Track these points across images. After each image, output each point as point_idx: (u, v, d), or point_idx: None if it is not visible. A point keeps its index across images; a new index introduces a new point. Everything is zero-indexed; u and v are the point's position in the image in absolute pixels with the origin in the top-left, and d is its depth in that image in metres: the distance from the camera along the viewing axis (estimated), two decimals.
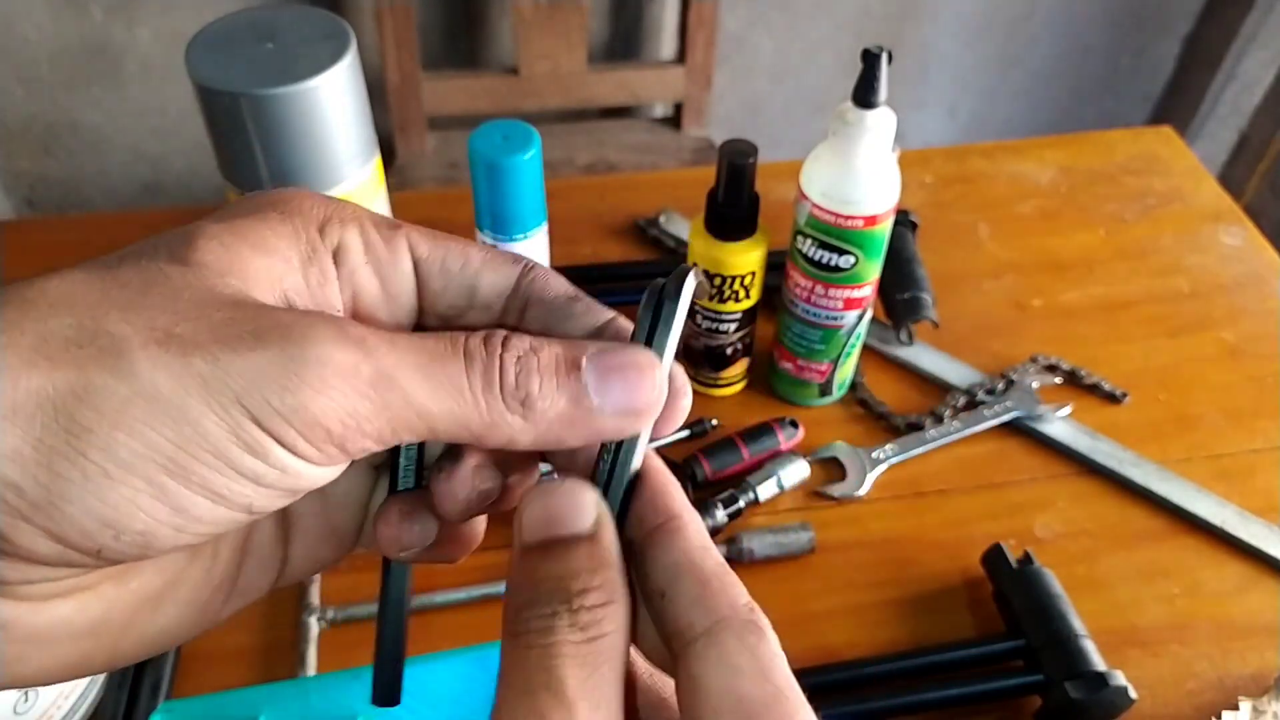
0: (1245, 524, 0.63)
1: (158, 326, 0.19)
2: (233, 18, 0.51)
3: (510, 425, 0.22)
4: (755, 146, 0.59)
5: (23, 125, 1.51)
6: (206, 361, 0.19)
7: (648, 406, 0.23)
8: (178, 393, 0.19)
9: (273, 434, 0.19)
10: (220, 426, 0.19)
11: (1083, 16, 1.74)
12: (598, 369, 0.22)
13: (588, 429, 0.22)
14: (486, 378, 0.21)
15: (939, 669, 0.55)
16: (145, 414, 0.19)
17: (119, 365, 0.19)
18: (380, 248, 0.24)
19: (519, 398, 0.22)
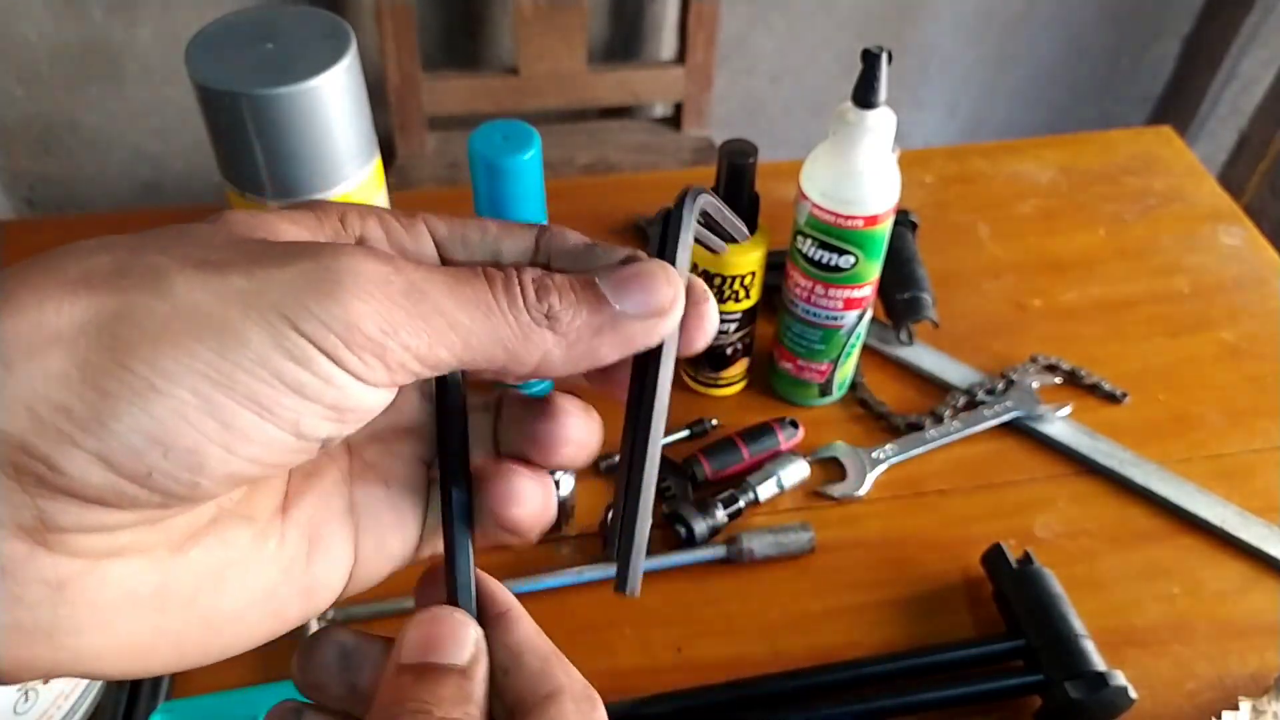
0: (1245, 524, 0.63)
1: (192, 256, 0.20)
2: (233, 18, 0.51)
3: (542, 339, 0.23)
4: (755, 146, 0.59)
5: (23, 125, 1.51)
6: (243, 276, 0.20)
7: (669, 303, 0.24)
8: (217, 306, 0.19)
9: (314, 340, 0.20)
10: (263, 336, 0.19)
11: (1082, 16, 1.74)
12: (612, 281, 0.24)
13: (617, 335, 0.23)
14: (509, 293, 0.22)
15: (939, 669, 0.55)
16: (187, 327, 0.19)
17: (158, 286, 0.19)
18: (401, 232, 0.25)
19: (543, 310, 0.23)
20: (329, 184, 0.52)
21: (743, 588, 0.60)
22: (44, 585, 0.19)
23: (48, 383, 0.18)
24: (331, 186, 0.52)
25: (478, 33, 1.54)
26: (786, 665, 0.56)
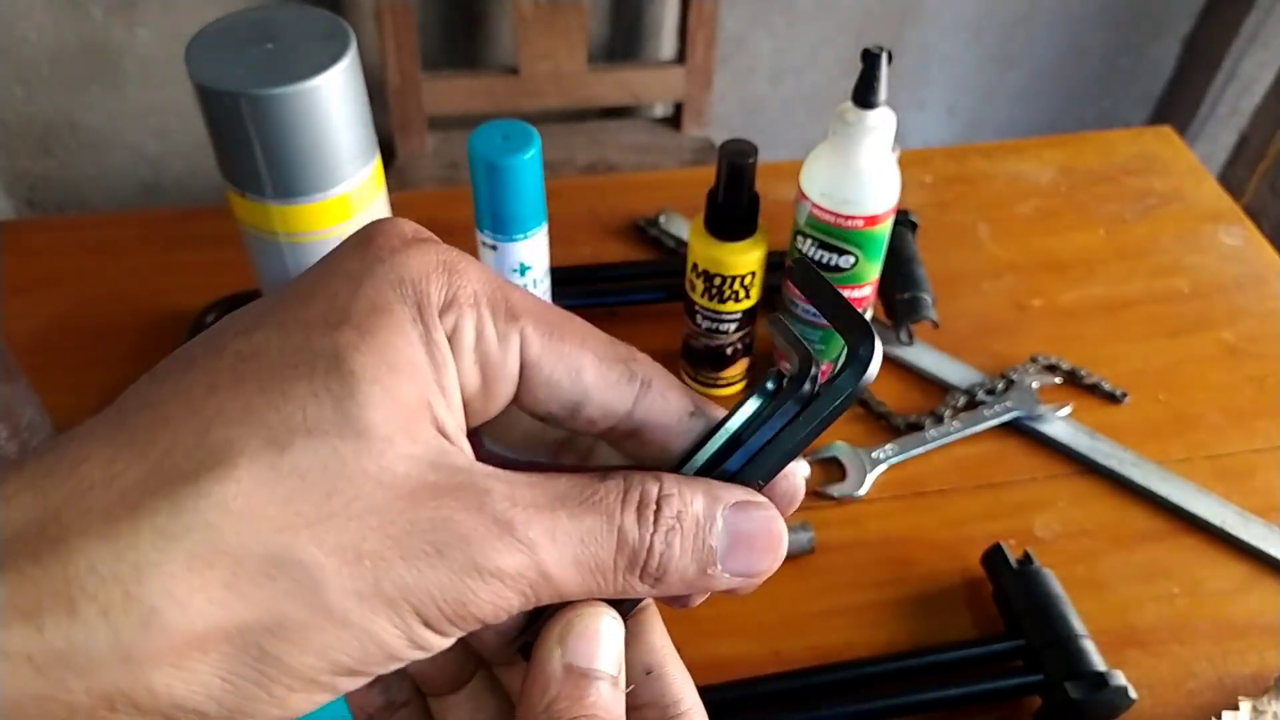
0: (1245, 524, 0.63)
1: (346, 545, 0.19)
2: (233, 18, 0.51)
3: (637, 593, 0.22)
4: (755, 146, 0.59)
5: (23, 125, 1.51)
6: (393, 583, 0.20)
7: (766, 574, 0.23)
8: (365, 616, 0.20)
9: (436, 630, 0.21)
10: (395, 635, 0.20)
11: (1082, 17, 1.74)
12: (731, 533, 0.23)
13: (703, 589, 0.23)
14: (632, 562, 0.22)
15: (939, 669, 0.55)
16: (334, 639, 0.19)
17: (313, 600, 0.19)
18: (492, 343, 0.22)
19: (655, 575, 0.22)
20: (329, 184, 0.52)
21: None
22: None
23: (187, 692, 0.19)
24: (331, 186, 0.52)
25: (478, 33, 1.54)
26: (786, 665, 0.56)
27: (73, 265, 0.78)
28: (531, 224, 0.58)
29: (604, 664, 0.23)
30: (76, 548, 0.18)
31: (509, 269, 0.60)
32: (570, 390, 0.23)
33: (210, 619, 0.18)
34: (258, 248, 0.55)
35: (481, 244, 0.60)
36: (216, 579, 0.18)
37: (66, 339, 0.73)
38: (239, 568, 0.18)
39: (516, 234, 0.58)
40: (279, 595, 0.19)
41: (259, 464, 0.19)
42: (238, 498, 0.18)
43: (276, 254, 0.55)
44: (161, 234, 0.81)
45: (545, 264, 0.62)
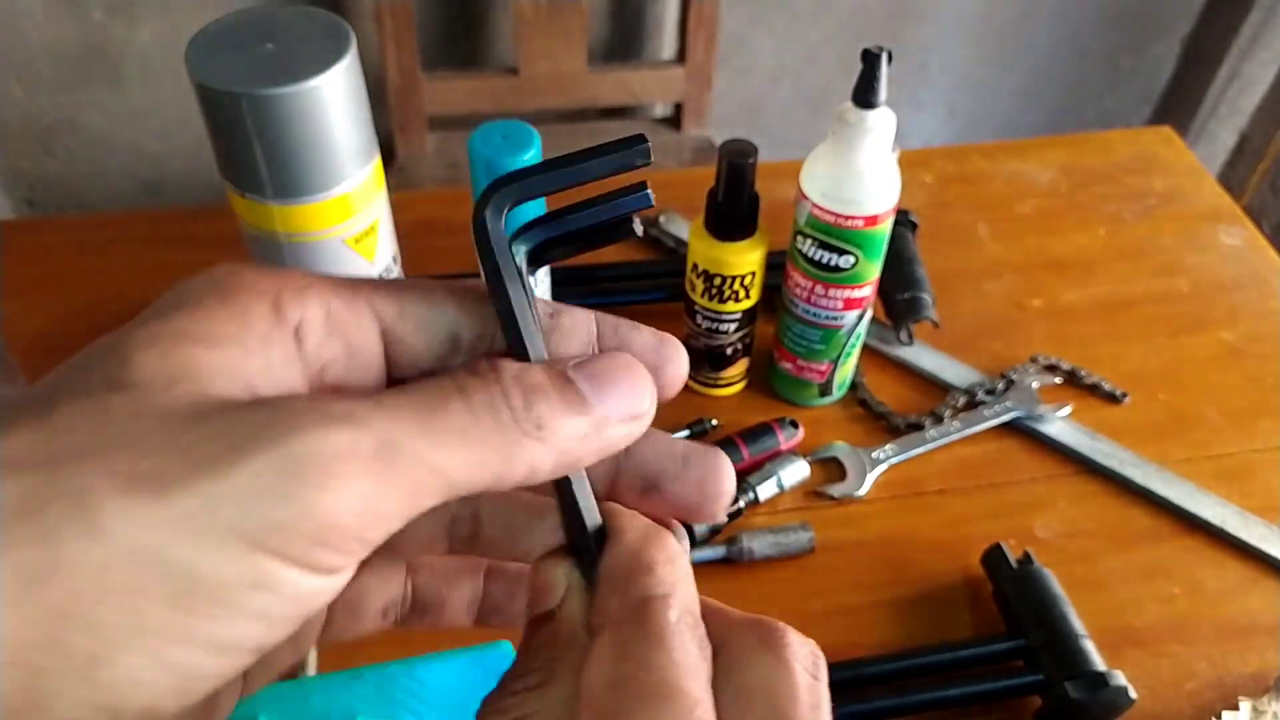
0: (1245, 524, 0.63)
1: (120, 470, 0.17)
2: (233, 18, 0.51)
3: (530, 453, 0.20)
4: (755, 146, 0.59)
5: (23, 125, 1.51)
6: (187, 495, 0.16)
7: (649, 405, 0.22)
8: (161, 541, 0.16)
9: (282, 555, 0.17)
10: (219, 567, 0.17)
11: (1082, 17, 1.74)
12: (588, 377, 0.21)
13: (600, 440, 0.21)
14: (494, 410, 0.20)
15: (939, 669, 0.55)
16: (127, 576, 0.16)
17: (87, 527, 0.16)
18: (344, 316, 0.21)
19: (534, 421, 0.20)
20: (329, 184, 0.52)
21: (743, 588, 0.60)
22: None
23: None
24: (331, 186, 0.52)
25: (478, 33, 1.54)
26: None
27: (73, 265, 0.78)
28: None
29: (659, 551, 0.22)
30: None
31: None
32: (440, 322, 0.23)
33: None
34: (258, 248, 0.55)
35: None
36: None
37: (66, 339, 0.73)
38: (6, 511, 0.16)
39: None
40: (47, 531, 0.16)
41: (18, 427, 0.17)
42: (5, 457, 0.17)
43: (276, 254, 0.55)
44: (161, 234, 0.81)
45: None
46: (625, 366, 0.22)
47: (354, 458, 0.18)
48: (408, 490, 0.18)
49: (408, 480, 0.18)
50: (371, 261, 0.57)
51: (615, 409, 0.21)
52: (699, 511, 0.24)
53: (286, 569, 0.17)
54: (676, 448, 0.24)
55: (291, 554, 0.17)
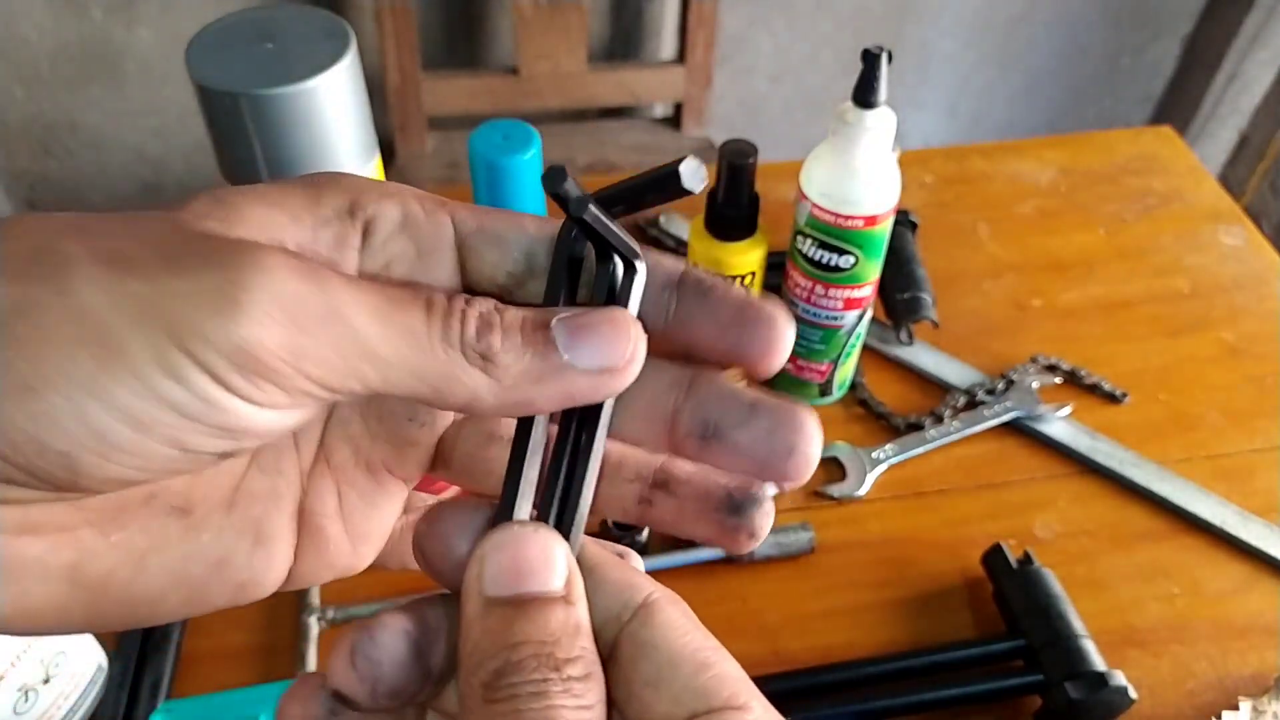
0: (1245, 524, 0.63)
1: (104, 248, 0.19)
2: (233, 18, 0.51)
3: (472, 379, 0.20)
4: (755, 146, 0.59)
5: (23, 125, 1.51)
6: (143, 281, 0.19)
7: (623, 361, 0.21)
8: (108, 311, 0.18)
9: (197, 360, 0.18)
10: (143, 349, 0.18)
11: (1082, 16, 1.74)
12: (568, 327, 0.21)
13: (559, 386, 0.21)
14: (446, 326, 0.20)
15: (939, 669, 0.55)
16: (74, 331, 0.18)
17: (60, 282, 0.18)
18: (419, 217, 0.23)
19: (479, 349, 0.20)
20: None
21: (743, 588, 0.60)
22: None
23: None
24: None
25: (478, 33, 1.54)
26: (786, 665, 0.56)
27: None
28: None
29: (536, 584, 0.21)
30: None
31: None
32: (519, 242, 0.23)
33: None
34: None
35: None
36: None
37: None
38: (8, 255, 0.19)
39: None
40: (33, 277, 0.18)
41: (66, 217, 0.20)
42: (35, 219, 0.20)
43: None
44: None
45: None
46: (610, 319, 0.22)
47: (298, 305, 0.19)
48: (339, 359, 0.19)
49: (341, 351, 0.19)
50: None
51: (583, 357, 0.21)
52: (768, 467, 0.23)
53: (198, 373, 0.19)
54: (745, 394, 0.23)
55: (206, 362, 0.18)
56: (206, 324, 0.18)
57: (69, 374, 0.18)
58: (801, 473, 0.23)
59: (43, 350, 0.18)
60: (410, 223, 0.23)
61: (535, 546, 0.21)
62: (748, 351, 0.23)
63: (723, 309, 0.23)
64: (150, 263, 0.19)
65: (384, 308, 0.20)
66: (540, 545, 0.21)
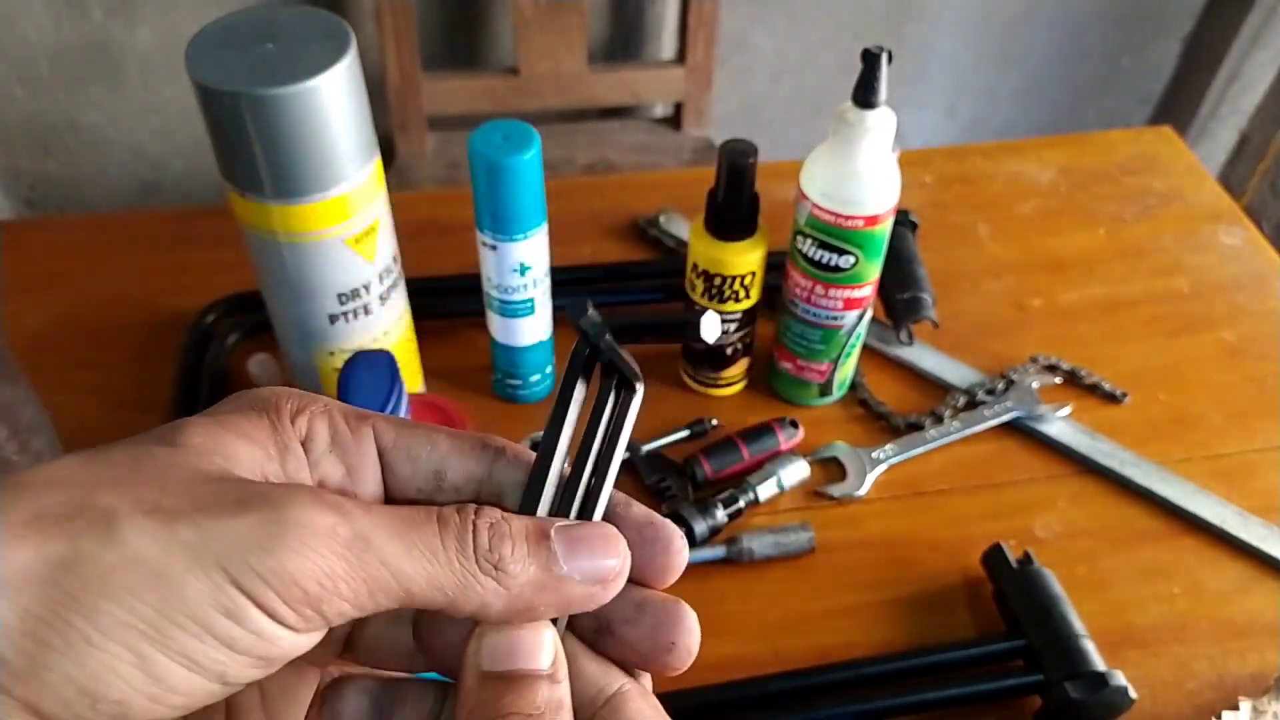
0: (1245, 524, 0.63)
1: (145, 499, 0.20)
2: (233, 18, 0.51)
3: (484, 588, 0.22)
4: (755, 146, 0.59)
5: (23, 125, 1.51)
6: (191, 528, 0.20)
7: (612, 575, 0.24)
8: (162, 558, 0.19)
9: (251, 596, 0.20)
10: (201, 591, 0.20)
11: (1082, 16, 1.74)
12: (565, 539, 0.23)
13: (557, 595, 0.23)
14: (461, 540, 0.22)
15: (939, 669, 0.55)
16: (131, 580, 0.19)
17: (108, 535, 0.19)
18: (346, 436, 0.25)
19: (492, 560, 0.22)
20: (329, 184, 0.52)
21: (743, 588, 0.60)
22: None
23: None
24: (331, 186, 0.52)
25: (478, 33, 1.54)
26: (786, 665, 0.56)
27: (73, 265, 0.78)
28: (531, 224, 0.58)
29: (527, 661, 0.23)
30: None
31: (509, 269, 0.60)
32: (429, 460, 0.25)
33: (10, 558, 0.19)
34: (258, 248, 0.55)
35: (481, 244, 0.60)
36: (18, 519, 0.19)
37: (66, 339, 0.73)
38: (42, 511, 0.20)
39: (516, 234, 0.58)
40: (76, 532, 0.19)
41: (78, 456, 0.21)
42: (52, 469, 0.21)
43: (276, 254, 0.55)
44: (161, 234, 0.81)
45: (545, 264, 0.62)
46: (603, 535, 0.24)
47: (330, 538, 0.21)
48: (368, 582, 0.21)
49: (370, 574, 0.21)
50: (371, 261, 0.57)
51: (579, 569, 0.23)
52: (650, 660, 0.25)
53: (253, 609, 0.20)
54: (633, 594, 0.25)
55: (259, 597, 0.20)
56: (257, 562, 0.20)
57: (130, 623, 0.19)
58: (681, 664, 0.25)
59: (99, 603, 0.19)
60: (338, 441, 0.25)
61: (528, 629, 0.24)
62: (647, 567, 0.25)
63: (626, 527, 0.25)
64: (190, 511, 0.20)
65: (403, 530, 0.22)
66: (533, 629, 0.24)
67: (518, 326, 0.64)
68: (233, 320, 0.73)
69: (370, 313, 0.59)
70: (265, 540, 0.20)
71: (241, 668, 0.21)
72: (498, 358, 0.68)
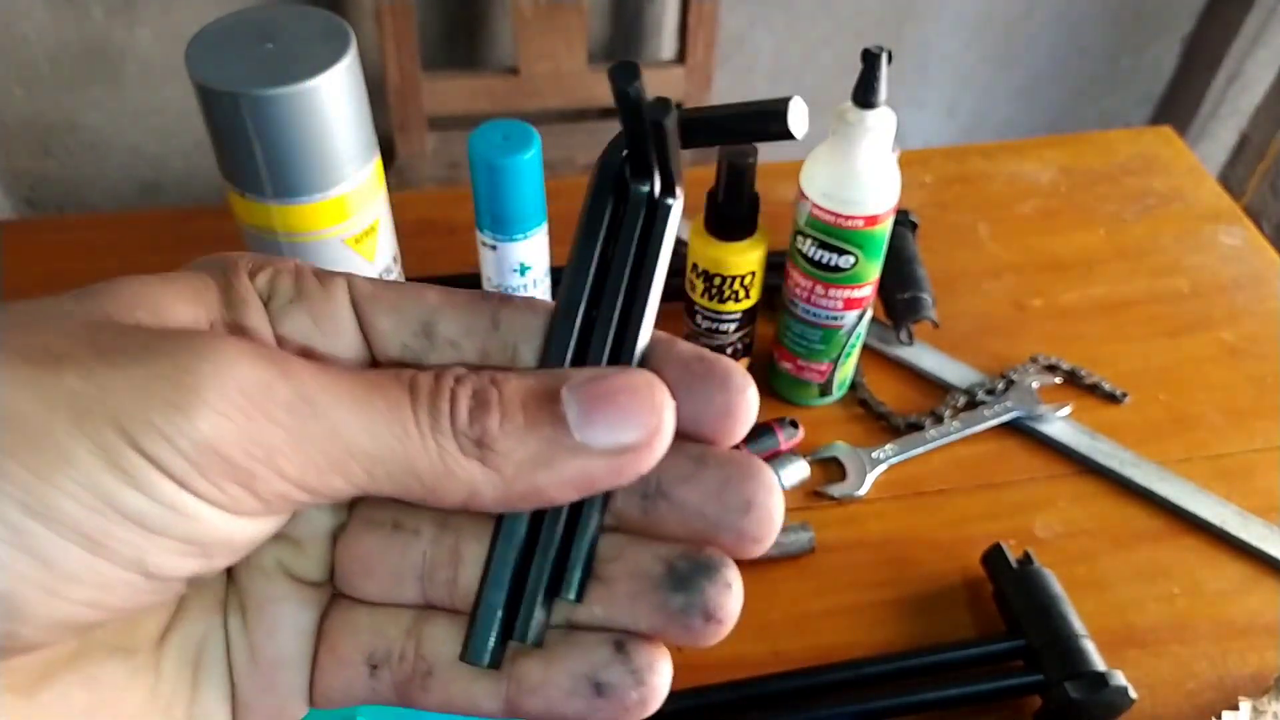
0: (1245, 524, 0.63)
1: (33, 344, 0.16)
2: (233, 18, 0.51)
3: (468, 472, 0.18)
4: (755, 146, 0.59)
5: (23, 125, 1.51)
6: (81, 376, 0.16)
7: (650, 436, 0.18)
8: (42, 413, 0.15)
9: (155, 460, 0.16)
10: (91, 451, 0.15)
11: (1082, 16, 1.74)
12: (581, 398, 0.18)
13: (573, 474, 0.18)
14: (434, 412, 0.18)
15: (939, 669, 0.55)
16: (2, 438, 0.15)
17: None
18: (314, 286, 0.20)
19: (473, 436, 0.18)
20: (329, 184, 0.52)
21: (743, 588, 0.60)
22: None
23: None
24: (331, 186, 0.52)
25: (478, 33, 1.54)
26: (786, 665, 0.56)
27: (73, 265, 0.78)
28: (531, 224, 0.58)
29: None
30: None
31: (509, 269, 0.60)
32: (416, 310, 0.20)
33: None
34: (258, 248, 0.55)
35: (481, 244, 0.60)
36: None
37: None
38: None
39: (516, 234, 0.58)
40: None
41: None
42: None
43: (276, 254, 0.55)
44: (161, 234, 0.81)
45: (545, 264, 0.62)
46: (630, 386, 0.18)
47: (264, 394, 0.16)
48: (314, 458, 0.17)
49: (317, 447, 0.17)
50: (371, 261, 0.57)
51: (599, 435, 0.18)
52: (722, 526, 0.19)
53: (159, 475, 0.16)
54: (689, 449, 0.19)
55: (164, 462, 0.16)
56: (161, 419, 0.16)
57: (2, 492, 0.15)
58: (763, 532, 0.19)
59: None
60: (303, 291, 0.20)
61: None
62: (702, 416, 0.19)
63: (668, 368, 0.20)
64: (85, 357, 0.16)
65: (360, 393, 0.17)
66: None
67: None
68: None
69: None
70: (175, 394, 0.16)
71: (166, 554, 0.17)
72: None
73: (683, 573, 0.19)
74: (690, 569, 0.19)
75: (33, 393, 0.16)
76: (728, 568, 0.20)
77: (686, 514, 0.19)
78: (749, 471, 0.19)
